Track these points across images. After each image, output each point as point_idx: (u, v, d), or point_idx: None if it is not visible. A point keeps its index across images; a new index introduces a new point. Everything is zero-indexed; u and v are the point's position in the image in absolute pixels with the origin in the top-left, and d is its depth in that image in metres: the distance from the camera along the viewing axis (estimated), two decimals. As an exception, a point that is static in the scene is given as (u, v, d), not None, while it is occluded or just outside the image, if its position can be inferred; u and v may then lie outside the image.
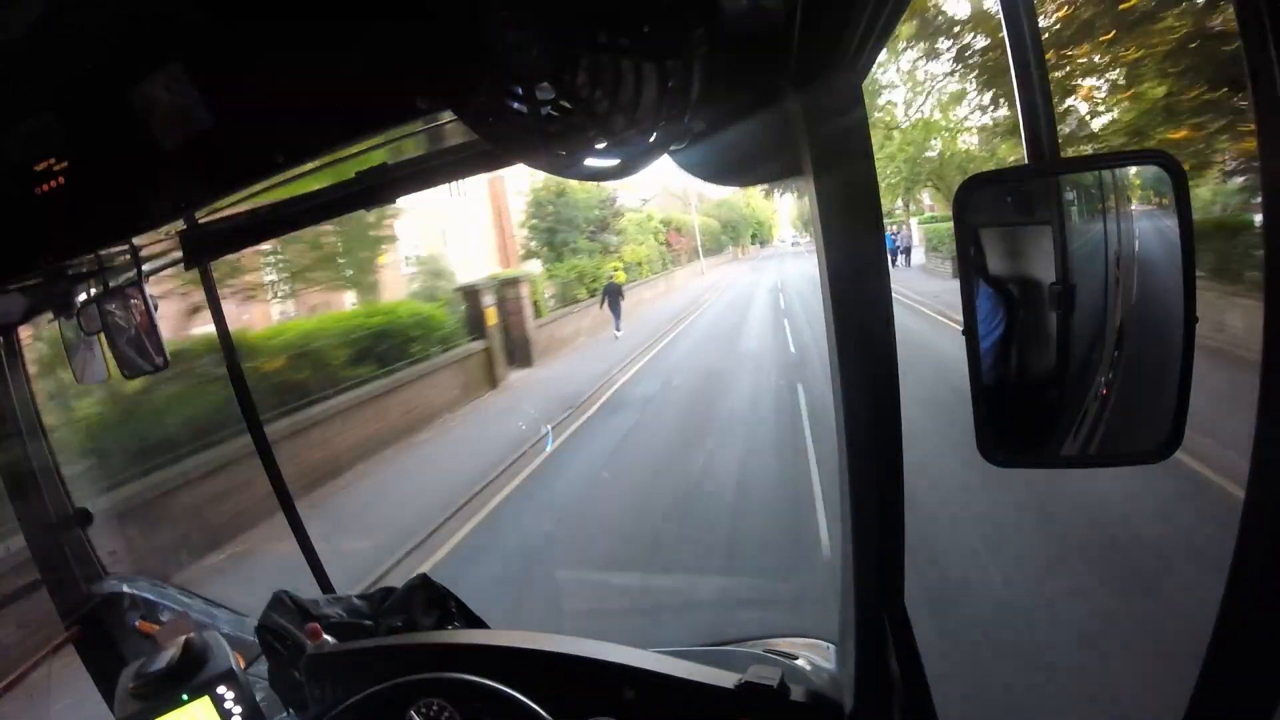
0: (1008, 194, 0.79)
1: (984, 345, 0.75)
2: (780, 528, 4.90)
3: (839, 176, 1.05)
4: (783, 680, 1.13)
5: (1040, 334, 0.77)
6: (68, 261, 1.33)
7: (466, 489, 6.55)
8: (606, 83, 0.70)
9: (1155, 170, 0.68)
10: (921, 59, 16.43)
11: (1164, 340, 0.69)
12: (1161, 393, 0.69)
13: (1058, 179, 0.76)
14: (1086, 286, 0.74)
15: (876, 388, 1.08)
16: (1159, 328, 0.71)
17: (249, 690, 1.37)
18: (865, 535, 1.15)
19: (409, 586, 1.62)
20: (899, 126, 18.04)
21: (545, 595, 4.58)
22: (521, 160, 0.86)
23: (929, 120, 17.68)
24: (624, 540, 5.18)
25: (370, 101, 0.88)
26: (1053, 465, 0.84)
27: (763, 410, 7.95)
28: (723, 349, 12.14)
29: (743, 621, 3.83)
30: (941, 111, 17.49)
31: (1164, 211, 0.68)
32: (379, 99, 0.88)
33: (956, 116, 17.14)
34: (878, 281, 1.06)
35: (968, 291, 0.74)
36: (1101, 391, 0.76)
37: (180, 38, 0.89)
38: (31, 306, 1.60)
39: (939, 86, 16.80)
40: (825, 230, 1.04)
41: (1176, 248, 0.66)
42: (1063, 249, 0.75)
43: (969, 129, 16.97)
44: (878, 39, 0.93)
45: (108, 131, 0.97)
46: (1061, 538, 4.30)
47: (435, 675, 1.24)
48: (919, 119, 17.84)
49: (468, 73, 0.74)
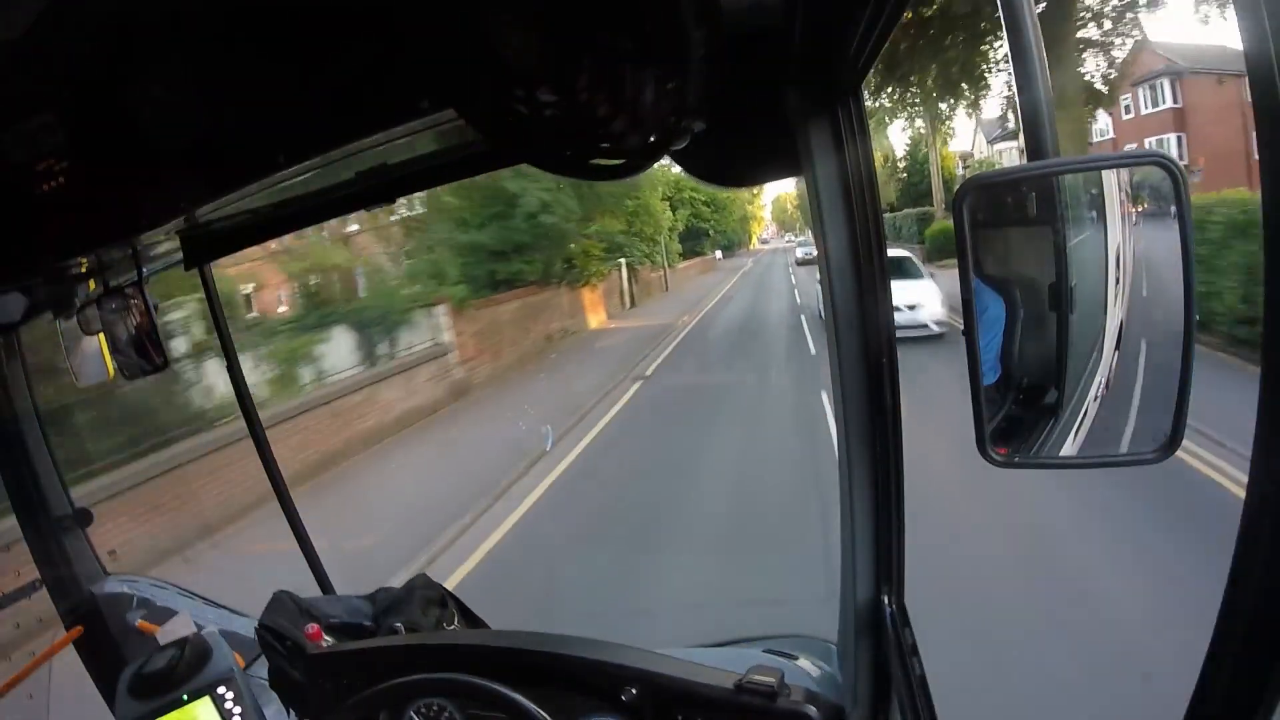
0: (1007, 194, 0.79)
1: (983, 345, 0.75)
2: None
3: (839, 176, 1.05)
4: (782, 680, 1.13)
5: (1040, 334, 0.77)
6: (68, 261, 1.33)
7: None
8: (607, 83, 0.70)
9: (1155, 171, 0.68)
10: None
11: (1164, 340, 0.69)
12: (1161, 393, 0.69)
13: (1057, 179, 0.76)
14: (1086, 286, 0.74)
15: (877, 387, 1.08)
16: (1159, 328, 0.71)
17: (249, 690, 1.37)
18: (866, 534, 1.15)
19: (409, 586, 1.62)
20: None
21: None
22: (523, 160, 0.86)
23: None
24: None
25: (370, 101, 0.88)
26: (1052, 466, 0.84)
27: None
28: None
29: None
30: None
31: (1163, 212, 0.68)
32: (379, 99, 0.88)
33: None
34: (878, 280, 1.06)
35: (967, 292, 0.73)
36: (1101, 392, 0.76)
37: (180, 38, 0.89)
38: (31, 306, 1.60)
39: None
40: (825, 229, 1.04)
41: (1176, 248, 0.66)
42: (1062, 249, 0.75)
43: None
44: (878, 39, 0.93)
45: (108, 131, 0.97)
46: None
47: (435, 675, 1.24)
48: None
49: (470, 73, 0.74)
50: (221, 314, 1.88)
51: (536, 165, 0.83)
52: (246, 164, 0.98)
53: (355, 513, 7.02)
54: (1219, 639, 0.58)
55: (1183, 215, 0.65)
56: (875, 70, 0.88)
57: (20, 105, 0.98)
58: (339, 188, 1.32)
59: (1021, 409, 0.79)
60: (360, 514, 6.96)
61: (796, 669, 1.38)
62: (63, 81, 0.96)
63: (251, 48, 0.88)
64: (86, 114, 0.97)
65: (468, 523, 6.24)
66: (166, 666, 1.32)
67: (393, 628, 1.52)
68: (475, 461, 8.22)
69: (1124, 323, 0.73)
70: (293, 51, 0.87)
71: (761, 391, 10.11)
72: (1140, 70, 16.56)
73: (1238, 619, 0.57)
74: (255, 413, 1.94)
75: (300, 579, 1.83)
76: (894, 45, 15.34)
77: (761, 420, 8.54)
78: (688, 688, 1.17)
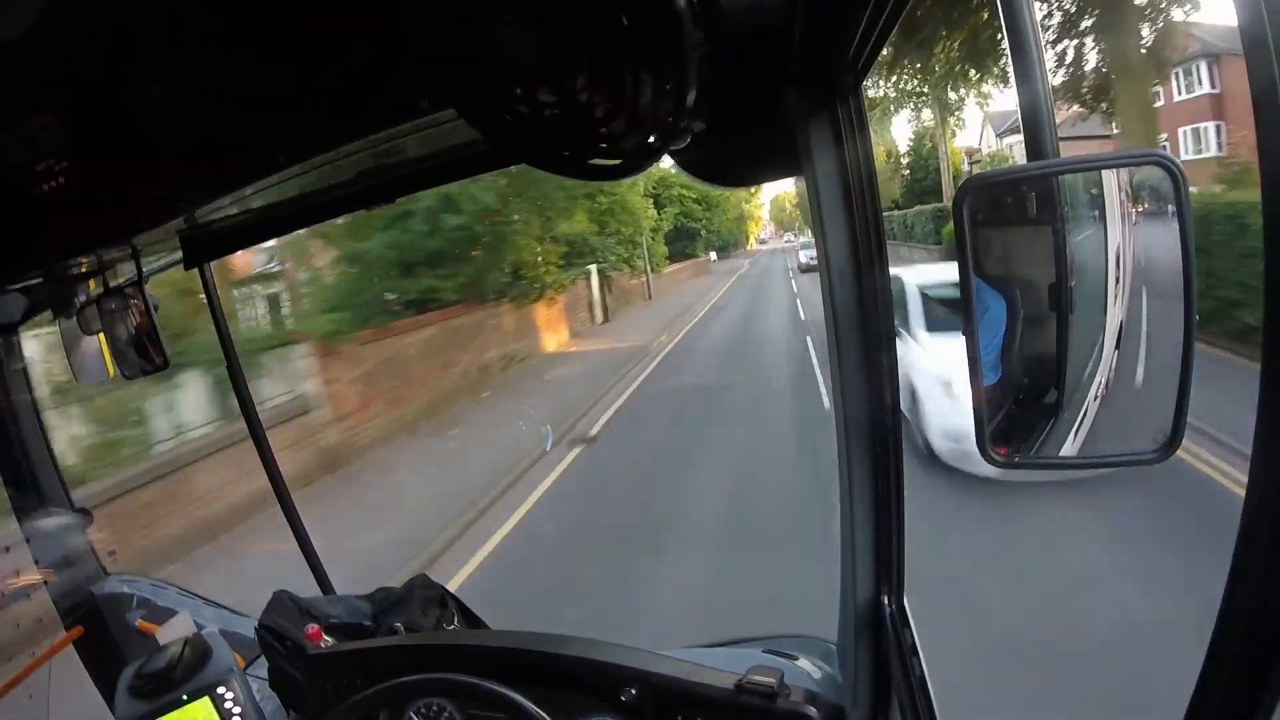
0: (1007, 194, 0.79)
1: (984, 346, 0.75)
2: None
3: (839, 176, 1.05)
4: (782, 680, 1.13)
5: (1040, 334, 0.77)
6: (68, 261, 1.33)
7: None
8: (607, 83, 0.70)
9: (1155, 171, 0.68)
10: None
11: (1164, 341, 0.69)
12: (1161, 394, 0.69)
13: (1057, 179, 0.76)
14: (1086, 286, 0.74)
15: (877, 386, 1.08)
16: (1159, 328, 0.71)
17: (249, 690, 1.37)
18: (866, 534, 1.15)
19: (409, 586, 1.62)
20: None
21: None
22: (523, 160, 0.86)
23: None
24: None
25: (370, 101, 0.88)
26: (1052, 467, 0.84)
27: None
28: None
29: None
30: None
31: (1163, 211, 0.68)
32: (379, 99, 0.88)
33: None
34: (878, 280, 1.06)
35: (967, 292, 0.73)
36: (1101, 392, 0.76)
37: (180, 38, 0.89)
38: (31, 306, 1.60)
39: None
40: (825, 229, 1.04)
41: (1176, 247, 0.66)
42: (1062, 249, 0.75)
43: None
44: (878, 39, 0.92)
45: (108, 131, 0.97)
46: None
47: (435, 675, 1.24)
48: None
49: (470, 73, 0.74)
50: (221, 314, 1.88)
51: (536, 165, 0.83)
52: (246, 164, 0.98)
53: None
54: (1219, 639, 0.58)
55: (1183, 215, 0.65)
56: (880, 57, 0.87)
57: (20, 105, 0.98)
58: (339, 188, 1.31)
59: (1021, 409, 0.79)
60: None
61: (796, 669, 1.38)
62: (63, 81, 0.95)
63: (251, 48, 0.88)
64: (86, 114, 0.97)
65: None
66: (166, 666, 1.32)
67: (393, 628, 1.52)
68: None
69: (1124, 323, 0.73)
70: (293, 51, 0.87)
71: (754, 485, 5.97)
72: (1174, 51, 14.22)
73: (1238, 619, 0.57)
74: (255, 413, 1.94)
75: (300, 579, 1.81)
76: (901, 30, 14.67)
77: (754, 549, 4.73)
78: (687, 688, 1.17)
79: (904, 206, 25.15)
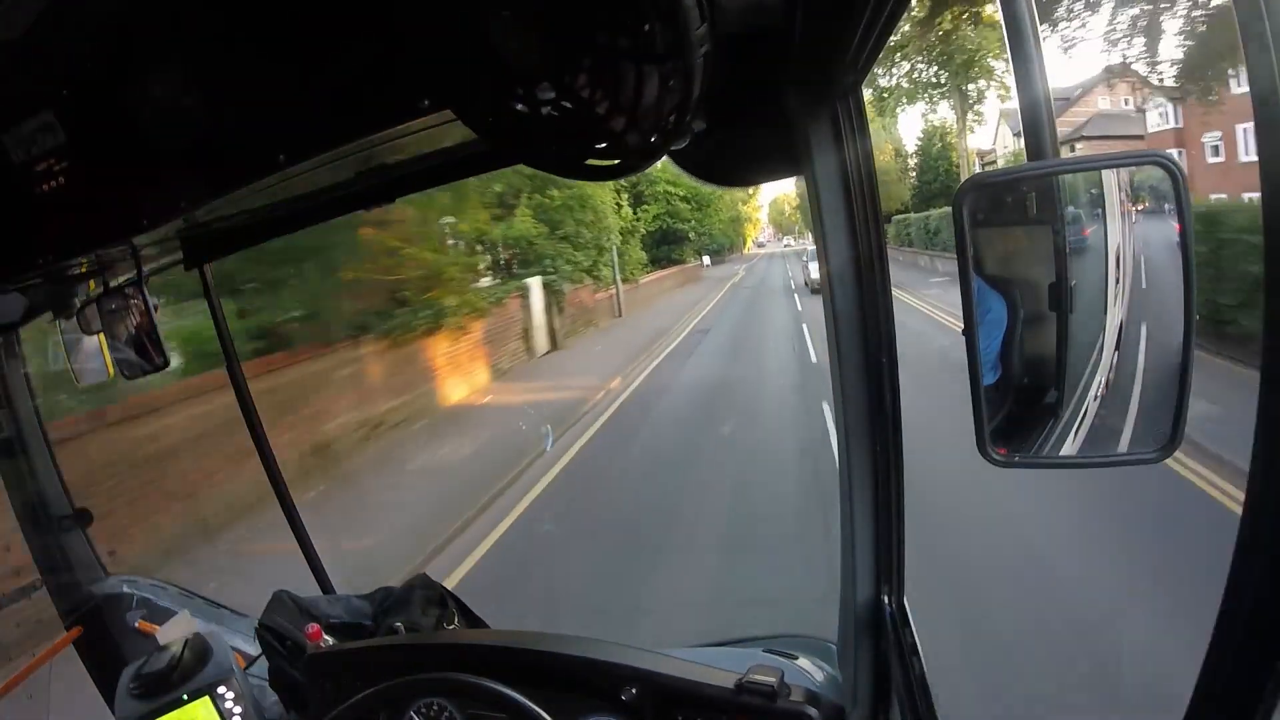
0: (1007, 194, 0.79)
1: (983, 345, 0.75)
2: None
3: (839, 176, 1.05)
4: (783, 680, 1.13)
5: (1040, 334, 0.77)
6: (68, 261, 1.33)
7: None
8: (607, 83, 0.70)
9: (1155, 171, 0.68)
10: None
11: (1164, 340, 0.69)
12: (1161, 393, 0.69)
13: (1057, 179, 0.76)
14: (1086, 286, 0.74)
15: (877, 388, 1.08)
16: (1159, 328, 0.71)
17: (249, 690, 1.37)
18: (866, 534, 1.15)
19: (408, 586, 1.61)
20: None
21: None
22: (522, 160, 0.86)
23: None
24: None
25: (370, 101, 0.88)
26: (1052, 466, 0.84)
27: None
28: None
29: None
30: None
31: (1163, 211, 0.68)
32: (379, 99, 0.88)
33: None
34: (878, 279, 1.07)
35: (967, 292, 0.73)
36: (1101, 392, 0.76)
37: (180, 38, 0.89)
38: (31, 306, 1.60)
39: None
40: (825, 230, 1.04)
41: (1176, 248, 0.66)
42: (1062, 249, 0.75)
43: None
44: (878, 39, 0.93)
45: (108, 131, 0.97)
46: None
47: (435, 675, 1.24)
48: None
49: (469, 73, 0.74)
50: (221, 314, 1.88)
51: (535, 165, 0.83)
52: (246, 164, 0.98)
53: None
54: (1219, 639, 0.58)
55: (1183, 215, 0.65)
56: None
57: (20, 105, 0.98)
58: (339, 187, 1.32)
59: (1021, 409, 0.79)
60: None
61: (796, 669, 1.38)
62: (63, 81, 0.96)
63: (251, 48, 0.88)
64: (86, 114, 0.97)
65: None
66: (166, 666, 1.32)
67: (393, 628, 1.52)
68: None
69: (1124, 323, 0.73)
70: (293, 51, 0.87)
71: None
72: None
73: (1237, 619, 0.57)
74: (255, 413, 1.94)
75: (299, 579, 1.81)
76: (914, 19, 13.42)
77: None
78: (688, 687, 1.17)
79: (914, 209, 23.96)
